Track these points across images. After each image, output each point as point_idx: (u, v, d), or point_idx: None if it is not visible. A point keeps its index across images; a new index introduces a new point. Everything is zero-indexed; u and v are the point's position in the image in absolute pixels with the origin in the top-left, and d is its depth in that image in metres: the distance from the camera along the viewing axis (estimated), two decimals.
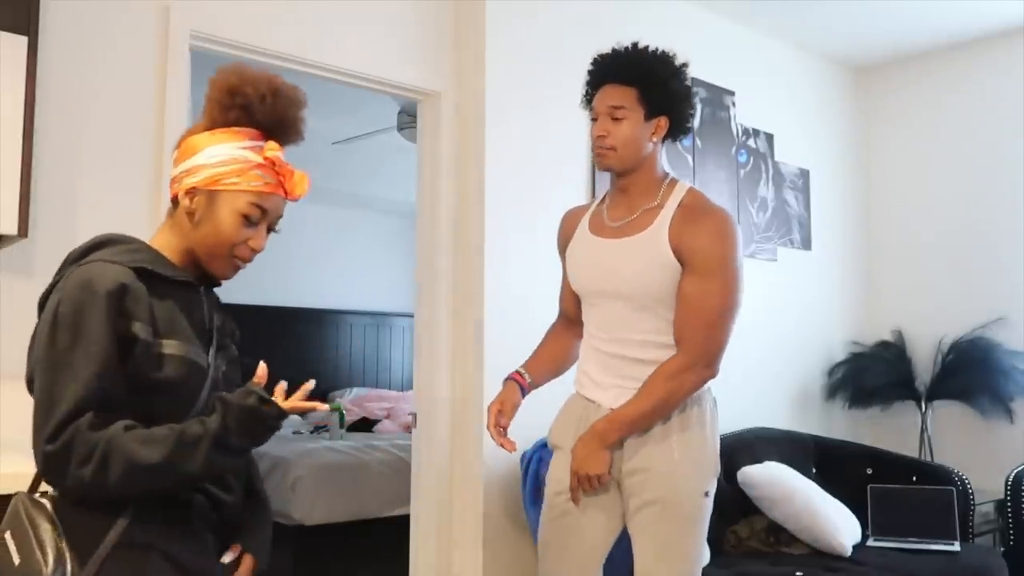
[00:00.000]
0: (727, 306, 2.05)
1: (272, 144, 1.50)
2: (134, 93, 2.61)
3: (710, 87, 4.06)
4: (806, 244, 4.49)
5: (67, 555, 1.32)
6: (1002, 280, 4.35)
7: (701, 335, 2.04)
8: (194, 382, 1.42)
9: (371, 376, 7.32)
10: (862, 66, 4.87)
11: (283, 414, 1.38)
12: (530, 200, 3.31)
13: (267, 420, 1.37)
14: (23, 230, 2.16)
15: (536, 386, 2.27)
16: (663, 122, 2.11)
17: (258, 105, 1.50)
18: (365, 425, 6.21)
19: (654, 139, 2.12)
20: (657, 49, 2.15)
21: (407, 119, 4.77)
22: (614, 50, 2.16)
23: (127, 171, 2.59)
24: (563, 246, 2.31)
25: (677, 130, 2.15)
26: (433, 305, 3.25)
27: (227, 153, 1.49)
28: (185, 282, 1.49)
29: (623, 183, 2.16)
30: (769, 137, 4.35)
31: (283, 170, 1.51)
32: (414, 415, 3.28)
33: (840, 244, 4.71)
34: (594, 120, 2.14)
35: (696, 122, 3.97)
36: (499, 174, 3.25)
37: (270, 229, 1.54)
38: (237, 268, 1.53)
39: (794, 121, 4.51)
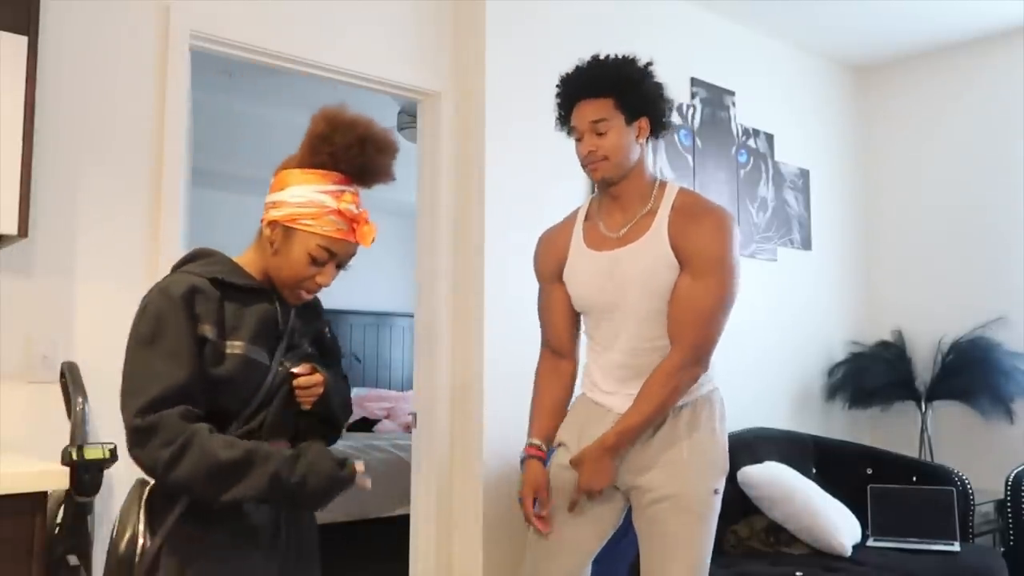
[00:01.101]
0: (720, 304, 2.06)
1: (348, 196, 1.60)
2: (134, 93, 2.61)
3: (710, 87, 4.06)
4: (806, 244, 4.49)
5: (140, 530, 1.51)
6: (1002, 280, 4.35)
7: (693, 333, 2.05)
8: (253, 379, 1.55)
9: (371, 376, 7.32)
10: (862, 66, 4.87)
11: (351, 479, 1.54)
12: (530, 200, 3.31)
13: (338, 475, 1.52)
14: (23, 230, 2.16)
15: (550, 444, 2.24)
16: (644, 123, 2.12)
17: (343, 155, 1.60)
18: (365, 425, 6.21)
19: (640, 141, 2.13)
20: (619, 55, 2.14)
21: (407, 119, 4.77)
22: (578, 67, 2.16)
23: (127, 171, 2.59)
24: (553, 270, 2.27)
25: (658, 127, 2.15)
26: (433, 305, 3.25)
27: (307, 195, 1.58)
28: (258, 289, 1.62)
29: (615, 191, 2.15)
30: (769, 137, 4.35)
31: (356, 218, 1.60)
32: (414, 415, 3.28)
33: (840, 244, 4.71)
34: (578, 140, 2.14)
35: (696, 122, 3.98)
36: (499, 174, 3.24)
37: (340, 266, 1.65)
38: (304, 299, 1.66)
39: (794, 121, 4.51)
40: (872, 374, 4.38)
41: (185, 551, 1.51)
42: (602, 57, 2.14)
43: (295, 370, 1.61)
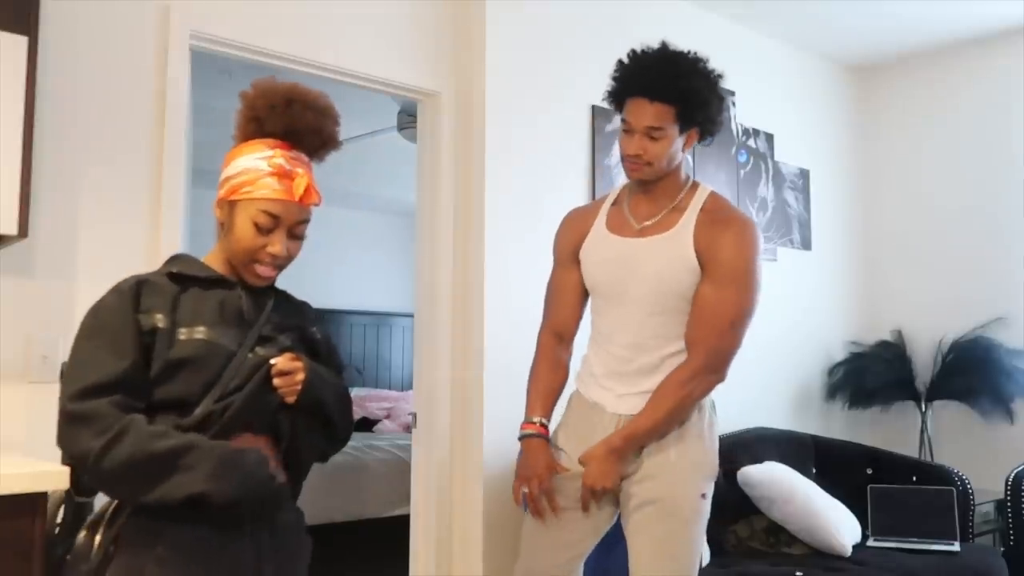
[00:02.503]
0: (741, 314, 2.05)
1: (277, 152, 1.58)
2: (134, 93, 2.61)
3: None
4: (806, 244, 4.49)
5: (100, 529, 1.49)
6: (1002, 280, 4.35)
7: (712, 341, 2.04)
8: (213, 362, 1.52)
9: (371, 376, 7.32)
10: (862, 66, 4.87)
11: (279, 492, 1.56)
12: (530, 200, 3.31)
13: (270, 485, 1.50)
14: (23, 230, 2.15)
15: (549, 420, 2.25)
16: (695, 133, 2.10)
17: (268, 116, 1.59)
18: (365, 425, 6.22)
19: (687, 149, 2.12)
20: (691, 56, 2.06)
21: (407, 119, 4.77)
22: (646, 57, 2.07)
23: (127, 171, 2.58)
24: (571, 248, 2.25)
25: (706, 136, 2.14)
26: (433, 305, 3.25)
27: (243, 164, 1.58)
28: (219, 279, 1.61)
29: (648, 185, 2.15)
30: (769, 137, 4.35)
31: (289, 174, 1.57)
32: (414, 415, 3.28)
33: (840, 244, 4.71)
34: (626, 132, 2.08)
35: None
36: (499, 174, 3.24)
37: (294, 236, 1.61)
38: (263, 275, 1.62)
39: (794, 121, 4.51)
40: (872, 374, 4.38)
41: (140, 540, 1.47)
42: (672, 54, 2.05)
43: (273, 360, 1.56)
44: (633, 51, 2.10)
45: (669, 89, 2.02)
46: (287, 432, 1.61)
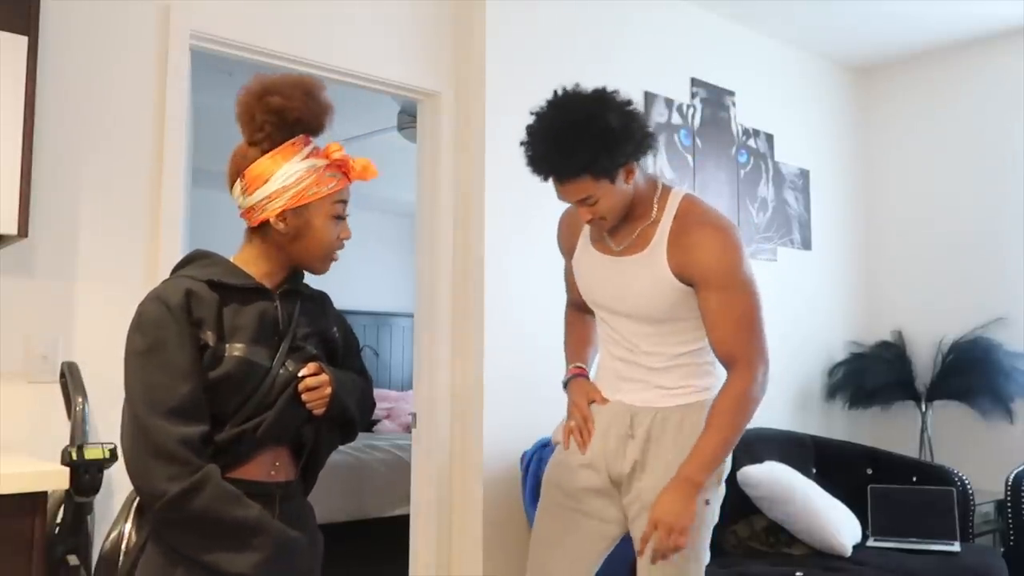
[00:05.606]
0: (754, 308, 2.02)
1: (334, 145, 1.64)
2: (134, 93, 2.61)
3: (710, 87, 4.06)
4: (806, 244, 4.49)
5: (126, 529, 1.51)
6: (1002, 280, 4.35)
7: (750, 345, 2.01)
8: (250, 380, 1.51)
9: (371, 376, 7.31)
10: (862, 66, 4.87)
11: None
12: (530, 200, 3.31)
13: (309, 566, 1.60)
14: (23, 230, 2.16)
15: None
16: (631, 165, 1.98)
17: (304, 112, 1.61)
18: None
19: (630, 181, 2.00)
20: (582, 111, 1.92)
21: (407, 119, 4.77)
22: (542, 134, 1.95)
23: (127, 171, 2.58)
24: (568, 247, 2.28)
25: (644, 156, 2.02)
26: (433, 305, 3.25)
27: (296, 169, 1.57)
28: (257, 289, 1.58)
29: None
30: (769, 137, 4.35)
31: (344, 160, 1.64)
32: (414, 415, 3.28)
33: (840, 244, 4.71)
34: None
35: (696, 122, 3.97)
36: (499, 174, 3.25)
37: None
38: (334, 261, 1.67)
39: (794, 121, 4.51)
40: (872, 374, 4.38)
41: (170, 546, 1.47)
42: (564, 122, 1.93)
43: (301, 372, 1.57)
44: (528, 126, 1.98)
45: (572, 166, 1.92)
46: (311, 440, 1.64)
